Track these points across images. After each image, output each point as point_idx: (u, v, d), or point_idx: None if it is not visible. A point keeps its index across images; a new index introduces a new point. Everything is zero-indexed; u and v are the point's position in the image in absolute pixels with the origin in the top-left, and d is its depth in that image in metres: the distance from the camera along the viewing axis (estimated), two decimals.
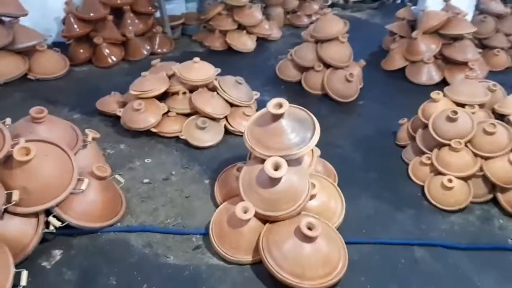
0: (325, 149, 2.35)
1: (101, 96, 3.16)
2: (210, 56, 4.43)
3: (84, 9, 3.93)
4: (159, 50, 4.36)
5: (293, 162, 1.83)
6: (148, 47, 4.25)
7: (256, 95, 3.10)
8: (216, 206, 2.15)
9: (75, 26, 3.90)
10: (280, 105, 1.80)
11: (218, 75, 2.96)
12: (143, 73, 2.79)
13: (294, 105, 1.98)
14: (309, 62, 3.56)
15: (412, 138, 2.63)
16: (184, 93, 2.85)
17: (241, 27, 4.62)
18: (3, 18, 3.44)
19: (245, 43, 4.53)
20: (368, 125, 3.13)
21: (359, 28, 5.66)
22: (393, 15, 4.58)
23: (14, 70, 3.36)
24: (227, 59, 4.33)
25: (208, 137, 2.67)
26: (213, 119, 2.73)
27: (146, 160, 2.56)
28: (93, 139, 2.26)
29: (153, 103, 2.73)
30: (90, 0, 3.94)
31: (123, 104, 2.89)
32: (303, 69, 3.67)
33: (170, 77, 2.91)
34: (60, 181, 1.77)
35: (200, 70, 2.82)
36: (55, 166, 1.78)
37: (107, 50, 3.92)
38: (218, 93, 2.82)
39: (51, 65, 3.58)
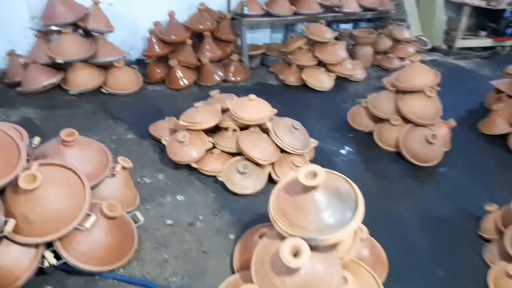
0: (382, 224, 1.93)
1: (161, 118, 3.12)
2: (282, 90, 4.23)
3: (167, 32, 4.02)
4: (232, 78, 4.27)
5: (322, 246, 1.45)
6: (221, 74, 4.19)
7: (313, 143, 2.75)
8: (233, 271, 1.85)
9: (156, 46, 4.01)
10: (314, 175, 1.45)
11: (279, 113, 2.70)
12: (196, 104, 2.65)
13: (335, 173, 1.61)
14: (385, 113, 3.11)
15: (500, 234, 2.03)
16: (235, 130, 2.63)
17: (321, 63, 4.33)
18: (93, 33, 3.67)
19: (322, 81, 4.22)
20: (446, 201, 2.56)
21: (460, 78, 5.00)
22: (506, 68, 3.87)
23: (89, 82, 3.52)
24: (299, 96, 4.06)
25: (248, 183, 2.40)
26: (258, 164, 2.46)
27: (178, 197, 2.38)
28: (124, 168, 2.14)
29: (199, 137, 2.57)
30: (174, 24, 4.04)
31: (174, 132, 2.78)
32: (377, 119, 3.22)
33: (224, 111, 2.72)
34: (67, 213, 1.65)
35: (255, 109, 2.59)
36: (64, 196, 1.66)
37: (180, 73, 3.94)
38: (269, 136, 2.55)
39: (125, 81, 3.68)
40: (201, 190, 2.46)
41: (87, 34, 3.68)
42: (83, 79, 3.51)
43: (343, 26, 5.51)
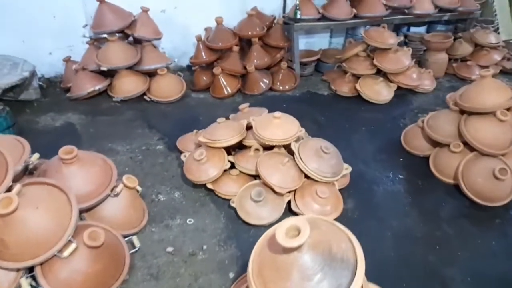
0: (419, 284, 1.53)
1: (196, 129, 3.01)
2: (332, 101, 3.87)
3: (214, 38, 3.92)
4: (279, 87, 4.02)
5: None
6: (268, 82, 3.96)
7: (347, 169, 2.39)
8: None
9: (203, 53, 3.93)
10: (297, 231, 1.15)
11: (322, 128, 2.41)
12: (218, 120, 2.47)
13: (336, 224, 1.28)
14: (445, 137, 2.60)
15: None
16: (257, 150, 2.39)
17: (381, 72, 3.86)
18: (142, 40, 3.70)
19: (379, 92, 3.76)
20: None
21: None
22: None
23: (133, 89, 3.56)
24: (350, 108, 3.67)
25: (262, 213, 2.15)
26: (276, 191, 2.19)
27: (188, 220, 2.22)
28: (128, 188, 2.04)
29: (218, 155, 2.37)
30: (221, 30, 3.92)
31: (197, 147, 2.63)
32: (435, 143, 2.72)
33: (250, 127, 2.50)
34: (48, 238, 1.57)
35: (279, 128, 2.31)
36: (47, 220, 1.59)
37: (224, 81, 3.80)
38: (294, 159, 2.26)
39: (167, 89, 3.66)
40: (214, 214, 2.27)
41: (136, 41, 3.73)
42: (127, 86, 3.56)
43: (414, 29, 4.89)
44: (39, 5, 3.62)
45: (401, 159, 2.86)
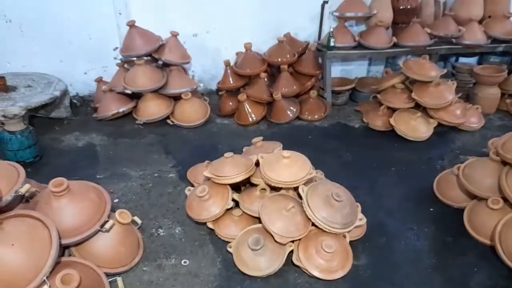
0: None
1: (212, 158, 2.89)
2: (363, 135, 3.61)
3: (242, 64, 3.84)
4: (307, 116, 3.83)
5: None
6: (295, 110, 3.79)
7: (361, 220, 2.13)
8: None
9: (230, 78, 3.87)
10: None
11: (346, 165, 2.22)
12: (226, 154, 2.33)
13: None
14: (482, 190, 2.26)
15: None
16: (264, 190, 2.22)
17: (420, 107, 3.54)
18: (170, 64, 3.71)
19: (416, 128, 3.44)
20: None
21: None
22: None
23: (156, 113, 3.55)
24: (381, 145, 3.39)
25: (259, 263, 1.95)
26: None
27: (183, 261, 2.08)
28: (120, 223, 1.95)
29: (222, 192, 2.23)
30: (250, 56, 3.84)
31: (207, 179, 2.51)
32: (472, 195, 2.38)
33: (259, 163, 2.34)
34: (21, 278, 1.51)
35: (287, 169, 2.13)
36: (21, 259, 1.52)
37: (249, 108, 3.69)
38: (302, 205, 2.05)
39: (191, 113, 3.61)
40: (211, 257, 2.11)
41: (165, 64, 3.74)
42: (151, 109, 3.56)
43: (464, 59, 4.50)
44: (77, 27, 3.77)
45: (431, 209, 2.54)
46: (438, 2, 4.06)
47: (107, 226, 1.87)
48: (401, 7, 3.99)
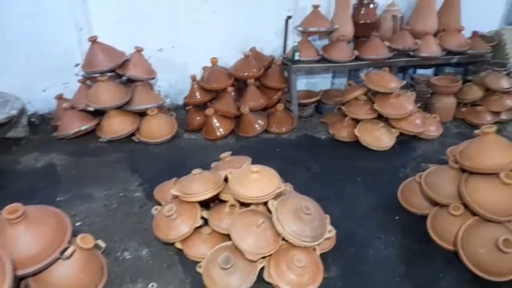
0: None
1: (180, 174, 2.83)
2: (330, 146, 3.67)
3: (208, 78, 3.83)
4: (275, 129, 3.85)
5: None
6: (263, 124, 3.80)
7: (331, 231, 2.15)
8: None
9: (197, 93, 3.85)
10: None
11: (315, 176, 2.21)
12: (194, 171, 2.29)
13: None
14: (444, 197, 2.35)
15: None
16: (233, 206, 2.20)
17: (382, 117, 3.66)
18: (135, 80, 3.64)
19: (379, 138, 3.54)
20: None
21: None
22: None
23: (121, 130, 3.46)
24: (347, 155, 3.46)
25: (230, 281, 1.92)
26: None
27: (150, 285, 2.01)
28: (82, 249, 1.86)
29: (190, 210, 2.19)
30: (216, 70, 3.84)
31: (175, 198, 2.45)
32: (434, 202, 2.46)
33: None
34: None
35: (256, 184, 2.12)
36: None
37: (216, 122, 3.67)
38: (271, 220, 2.04)
39: (158, 129, 3.54)
40: (179, 279, 2.05)
41: (130, 80, 3.66)
42: (115, 126, 3.46)
43: (421, 71, 4.71)
44: (36, 42, 3.62)
45: (397, 217, 2.60)
46: (396, 16, 4.25)
47: (67, 253, 1.78)
48: (361, 22, 4.14)
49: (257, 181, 2.13)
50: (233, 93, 3.90)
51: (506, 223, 2.11)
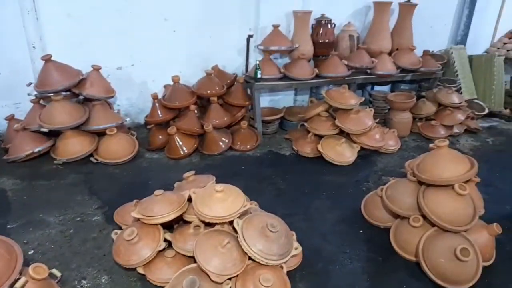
0: None
1: (142, 196, 2.72)
2: (294, 162, 3.69)
3: (170, 97, 3.78)
4: (240, 146, 3.84)
5: None
6: (227, 141, 3.78)
7: (297, 248, 2.14)
8: None
9: (159, 112, 3.77)
10: None
11: (280, 193, 2.18)
12: (156, 192, 2.22)
13: None
14: (404, 210, 2.42)
15: None
16: (198, 227, 2.14)
17: (344, 133, 3.75)
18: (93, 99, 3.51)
19: (342, 153, 3.61)
20: None
21: None
22: None
23: (78, 151, 3.31)
24: (311, 171, 3.50)
25: None
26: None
27: None
28: (35, 280, 1.72)
29: (152, 233, 2.10)
30: (178, 89, 3.80)
31: (136, 220, 2.35)
32: (395, 215, 2.53)
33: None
34: None
35: (221, 203, 2.08)
36: None
37: (179, 141, 3.60)
38: (237, 240, 2.00)
39: (117, 149, 3.42)
40: None
41: (88, 100, 3.53)
42: (72, 148, 3.31)
43: (379, 88, 4.91)
44: None
45: (361, 231, 2.64)
46: (352, 36, 4.43)
47: (18, 285, 1.64)
48: (320, 41, 4.28)
49: (221, 200, 2.09)
50: (196, 111, 3.86)
51: (463, 232, 2.20)
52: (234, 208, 2.08)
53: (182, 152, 3.62)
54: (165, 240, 2.14)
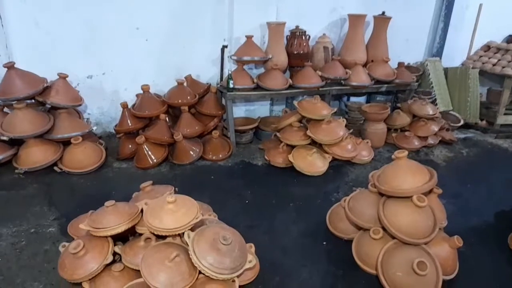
0: None
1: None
2: (265, 173, 3.65)
3: (140, 106, 3.72)
4: (212, 156, 3.78)
5: None
6: (198, 150, 3.72)
7: (251, 262, 2.07)
8: None
9: (128, 121, 3.71)
10: None
11: (247, 204, 2.11)
12: (107, 203, 2.14)
13: None
14: (365, 221, 2.38)
15: None
16: (149, 239, 2.06)
17: (316, 143, 3.72)
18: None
19: (313, 163, 3.58)
20: None
21: (499, 163, 4.13)
22: None
23: (40, 160, 3.22)
24: (281, 181, 3.45)
25: None
26: None
27: None
28: None
29: (101, 246, 2.02)
30: (149, 98, 3.75)
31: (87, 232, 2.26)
32: (358, 227, 2.48)
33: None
34: None
35: (172, 215, 2.00)
36: None
37: (148, 150, 3.53)
38: (189, 253, 1.93)
39: (83, 159, 3.34)
40: None
41: (55, 108, 3.46)
42: (34, 156, 3.22)
43: (355, 98, 4.92)
44: None
45: (325, 243, 2.59)
46: (327, 48, 4.44)
47: None
48: (295, 52, 4.28)
49: (172, 212, 2.03)
50: (168, 120, 3.81)
51: (423, 245, 2.16)
52: (185, 220, 2.01)
53: (150, 162, 3.55)
54: (115, 253, 2.06)
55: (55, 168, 3.29)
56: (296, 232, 2.71)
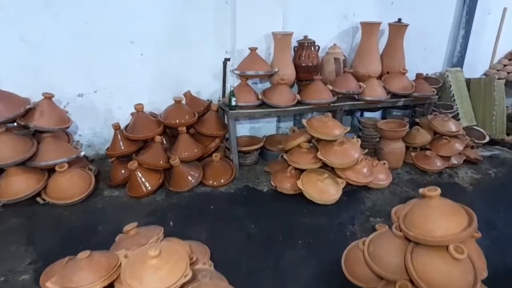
0: None
1: (87, 246, 2.29)
2: (272, 200, 3.29)
3: (134, 127, 3.40)
4: (212, 182, 3.42)
5: None
6: (197, 175, 3.37)
7: None
8: None
9: (121, 143, 3.39)
10: None
11: (250, 239, 1.76)
12: (80, 255, 1.80)
13: None
14: (389, 272, 1.99)
15: None
16: None
17: (327, 167, 3.35)
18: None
19: (325, 190, 3.20)
20: None
21: None
22: None
23: (22, 190, 2.91)
24: (289, 211, 3.10)
25: None
26: None
27: None
28: None
29: None
30: (143, 118, 3.44)
31: None
32: (380, 276, 2.09)
33: None
34: None
35: (155, 272, 1.65)
36: None
37: (142, 177, 3.20)
38: None
39: (69, 188, 3.02)
40: None
41: (40, 131, 3.15)
42: (15, 187, 2.91)
43: (369, 114, 4.53)
44: None
45: None
46: (338, 59, 4.08)
47: None
48: (303, 65, 3.93)
49: (156, 268, 1.68)
50: (164, 142, 3.49)
51: None
52: (171, 279, 1.66)
53: (144, 190, 3.21)
54: None
55: (38, 199, 2.97)
56: (307, 276, 2.33)
